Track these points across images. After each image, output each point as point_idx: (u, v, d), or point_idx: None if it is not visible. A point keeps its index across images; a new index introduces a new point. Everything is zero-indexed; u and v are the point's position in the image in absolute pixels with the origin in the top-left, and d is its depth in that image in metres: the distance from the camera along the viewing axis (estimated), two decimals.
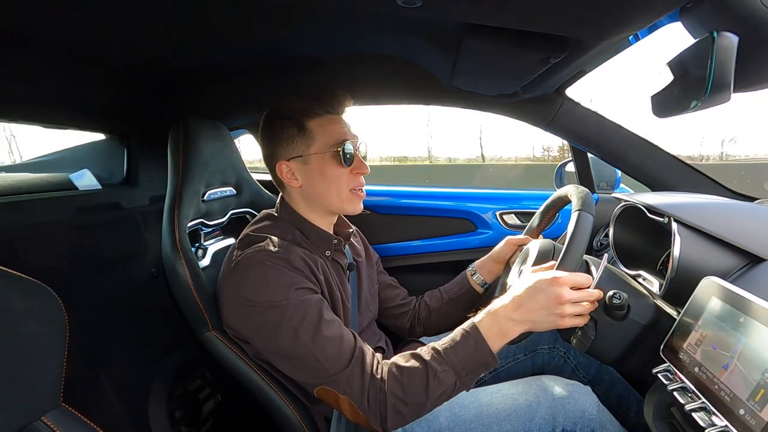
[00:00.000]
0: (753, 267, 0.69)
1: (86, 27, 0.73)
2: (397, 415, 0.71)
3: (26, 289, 0.50)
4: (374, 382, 0.72)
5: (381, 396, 0.71)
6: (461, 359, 0.71)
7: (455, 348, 0.72)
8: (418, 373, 0.71)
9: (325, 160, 0.85)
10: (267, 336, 0.77)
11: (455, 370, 0.71)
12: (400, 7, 0.59)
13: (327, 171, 0.86)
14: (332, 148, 0.85)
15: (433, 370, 0.70)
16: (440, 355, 0.72)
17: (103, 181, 1.01)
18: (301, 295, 0.76)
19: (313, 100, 0.87)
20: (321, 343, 0.73)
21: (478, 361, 0.71)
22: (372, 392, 0.72)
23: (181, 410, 0.93)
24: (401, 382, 0.71)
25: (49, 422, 0.49)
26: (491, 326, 0.72)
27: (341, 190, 0.87)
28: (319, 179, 0.86)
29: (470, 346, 0.71)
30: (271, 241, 0.82)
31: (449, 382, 0.71)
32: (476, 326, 0.73)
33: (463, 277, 1.12)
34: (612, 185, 1.44)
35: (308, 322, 0.74)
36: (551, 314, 0.69)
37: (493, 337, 0.71)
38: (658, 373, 0.64)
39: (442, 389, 0.71)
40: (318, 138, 0.85)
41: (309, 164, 0.86)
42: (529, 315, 0.70)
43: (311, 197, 0.89)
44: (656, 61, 0.76)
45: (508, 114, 1.24)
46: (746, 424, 0.49)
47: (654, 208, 0.84)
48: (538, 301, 0.70)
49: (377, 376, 0.72)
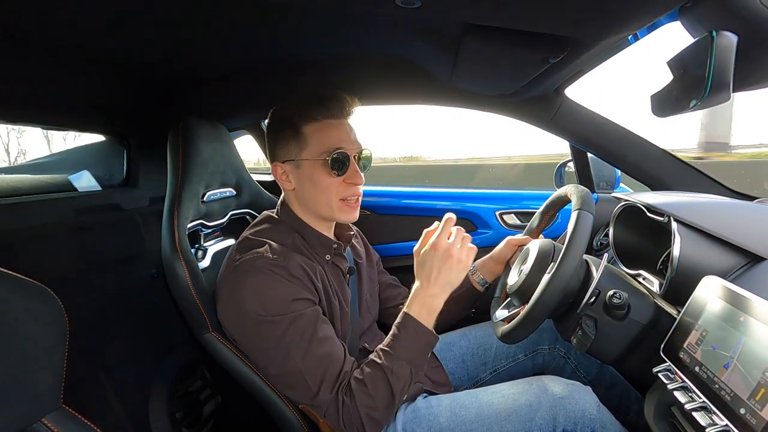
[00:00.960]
0: (753, 266, 0.69)
1: (86, 29, 0.73)
2: (372, 422, 0.76)
3: (26, 291, 0.49)
4: (346, 404, 0.76)
5: (354, 413, 0.75)
6: (408, 349, 0.78)
7: (399, 342, 0.78)
8: (378, 377, 0.76)
9: (316, 167, 0.84)
10: (258, 349, 0.79)
11: (408, 360, 0.77)
12: (398, 8, 0.59)
13: (317, 178, 0.84)
14: (324, 155, 0.83)
15: (389, 370, 0.76)
16: (390, 354, 0.77)
17: (103, 183, 1.01)
18: (298, 309, 0.77)
19: (314, 103, 0.84)
20: (310, 362, 0.75)
21: (422, 343, 0.79)
22: (345, 414, 0.75)
23: (181, 411, 0.93)
24: (367, 392, 0.75)
25: (49, 423, 0.49)
26: (420, 309, 0.80)
27: (330, 199, 0.86)
28: (310, 186, 0.85)
29: (411, 334, 0.79)
30: (270, 247, 0.81)
31: (406, 373, 0.77)
32: (408, 315, 0.80)
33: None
34: (612, 185, 1.43)
35: (301, 339, 0.76)
36: (452, 267, 0.80)
37: (425, 317, 0.80)
38: (659, 372, 0.64)
39: (403, 382, 0.77)
40: (311, 144, 0.84)
41: (301, 169, 0.85)
42: (441, 281, 0.80)
43: (304, 202, 0.89)
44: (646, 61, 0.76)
45: (508, 114, 1.23)
46: (747, 424, 0.49)
47: (654, 208, 0.84)
48: (437, 266, 0.80)
49: (347, 398, 0.76)
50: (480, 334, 1.09)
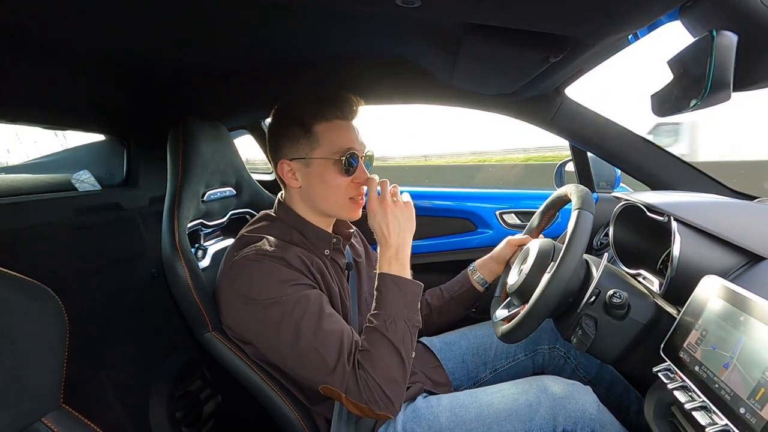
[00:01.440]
0: (753, 266, 0.69)
1: (86, 28, 0.73)
2: (391, 384, 0.75)
3: (26, 290, 0.49)
4: (361, 376, 0.75)
5: (371, 381, 0.74)
6: (396, 303, 0.79)
7: (385, 300, 0.80)
8: (376, 338, 0.77)
9: (327, 166, 0.85)
10: (268, 334, 0.77)
11: (399, 315, 0.78)
12: (398, 7, 0.59)
13: (327, 177, 0.85)
14: (335, 155, 0.84)
15: (384, 328, 0.77)
16: (379, 316, 0.79)
17: (103, 182, 1.01)
18: (300, 290, 0.77)
19: (325, 103, 0.85)
20: (323, 337, 0.74)
21: (407, 292, 0.81)
22: (364, 386, 0.74)
23: (181, 411, 0.93)
24: (371, 356, 0.75)
25: (49, 423, 0.49)
26: (390, 266, 0.82)
27: (339, 198, 0.87)
28: (319, 184, 0.86)
29: (391, 288, 0.80)
30: (268, 241, 0.82)
31: (402, 326, 0.78)
32: (384, 274, 0.82)
33: (464, 276, 1.12)
34: (612, 184, 1.43)
35: (309, 315, 0.75)
36: (396, 217, 0.83)
37: (399, 270, 0.82)
38: (659, 372, 0.64)
39: (401, 335, 0.77)
40: (322, 143, 0.84)
41: (310, 167, 0.85)
42: (394, 235, 0.83)
43: (310, 199, 0.89)
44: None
45: (508, 113, 1.23)
46: (747, 423, 0.49)
47: (654, 207, 0.84)
48: (384, 224, 0.83)
49: (360, 371, 0.75)
50: (480, 334, 1.09)
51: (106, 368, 0.79)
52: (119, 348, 0.84)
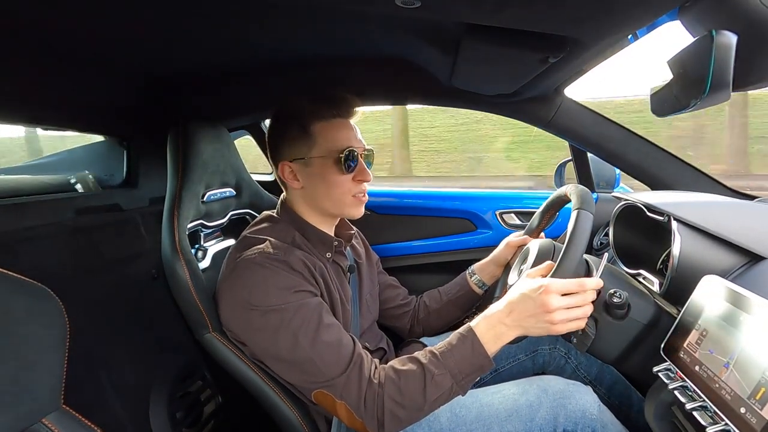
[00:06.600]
0: (753, 265, 0.69)
1: (86, 29, 0.73)
2: (395, 419, 0.72)
3: (26, 291, 0.49)
4: (372, 387, 0.72)
5: (379, 401, 0.71)
6: (458, 362, 0.71)
7: (452, 351, 0.72)
8: (416, 376, 0.71)
9: (327, 165, 0.85)
10: (266, 340, 0.77)
11: (452, 373, 0.71)
12: (398, 8, 0.59)
13: (328, 176, 0.85)
14: (335, 154, 0.84)
15: (431, 373, 0.71)
16: (437, 359, 0.72)
17: (103, 183, 1.01)
18: (301, 298, 0.76)
19: (322, 102, 0.85)
20: (320, 348, 0.74)
21: (475, 364, 0.72)
22: (369, 397, 0.72)
23: (182, 411, 0.93)
24: (399, 385, 0.71)
25: (49, 424, 0.49)
26: (487, 330, 0.73)
27: (342, 196, 0.87)
28: (320, 183, 0.86)
29: (467, 349, 0.72)
30: (270, 243, 0.81)
31: (446, 385, 0.71)
32: (472, 330, 0.73)
33: (462, 278, 1.12)
34: (611, 184, 1.43)
35: (307, 326, 0.74)
36: (540, 321, 0.70)
37: (489, 341, 0.72)
38: (659, 372, 0.64)
39: (439, 392, 0.71)
40: (321, 142, 0.84)
41: (311, 167, 0.86)
42: (520, 321, 0.71)
43: (312, 199, 0.89)
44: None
45: (507, 114, 1.23)
46: (747, 423, 0.49)
47: (654, 207, 0.84)
48: (527, 308, 0.70)
49: (375, 381, 0.73)
50: None
51: (106, 369, 0.79)
52: (119, 349, 0.84)
